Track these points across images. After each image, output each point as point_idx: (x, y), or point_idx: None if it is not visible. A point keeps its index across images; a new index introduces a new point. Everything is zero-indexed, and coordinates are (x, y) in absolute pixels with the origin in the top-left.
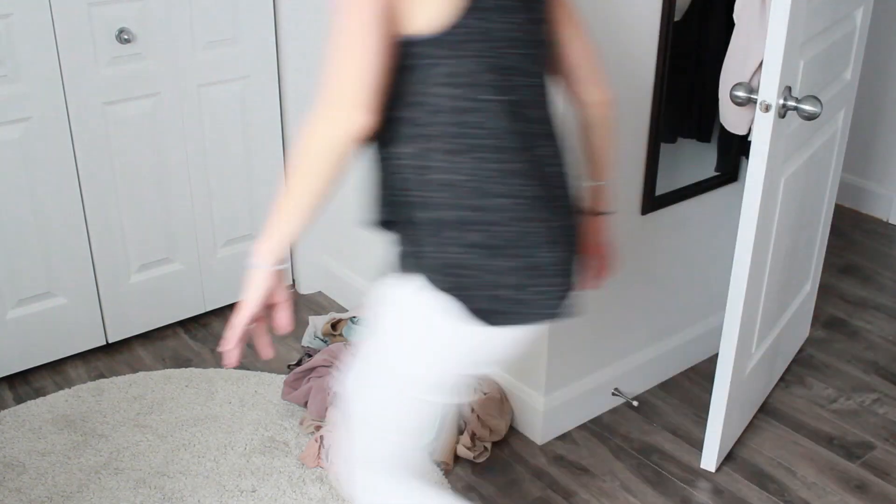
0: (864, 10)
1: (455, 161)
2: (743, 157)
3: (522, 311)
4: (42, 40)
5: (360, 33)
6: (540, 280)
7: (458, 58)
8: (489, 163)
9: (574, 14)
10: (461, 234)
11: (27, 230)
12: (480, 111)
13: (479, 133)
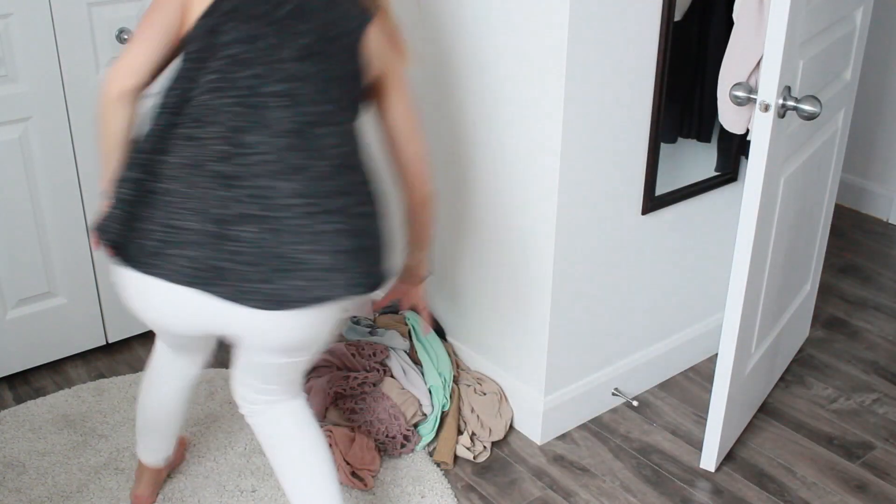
0: (864, 10)
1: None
2: (743, 157)
3: (161, 264)
4: (42, 40)
5: (156, 16)
6: (180, 245)
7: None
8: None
9: (402, 93)
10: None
11: (27, 230)
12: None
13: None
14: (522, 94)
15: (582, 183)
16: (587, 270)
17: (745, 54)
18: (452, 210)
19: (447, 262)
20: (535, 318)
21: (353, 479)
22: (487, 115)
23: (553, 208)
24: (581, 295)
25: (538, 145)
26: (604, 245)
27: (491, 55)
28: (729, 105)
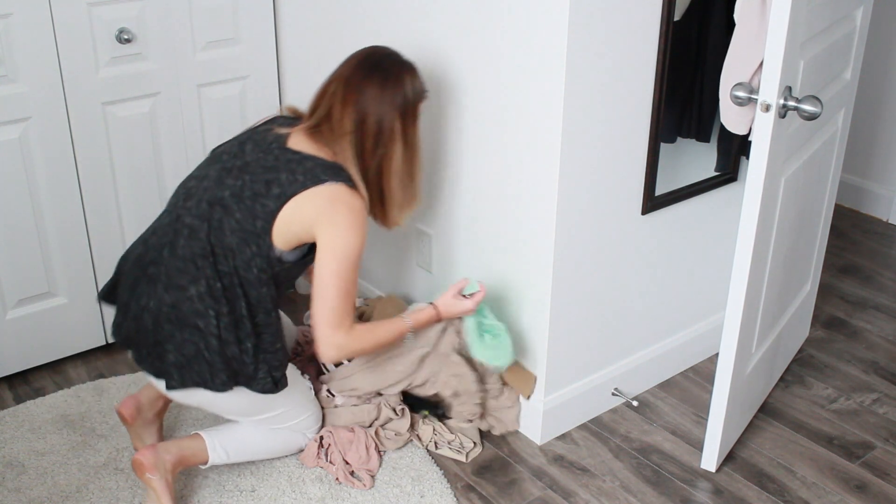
0: (864, 10)
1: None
2: (743, 157)
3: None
4: (42, 40)
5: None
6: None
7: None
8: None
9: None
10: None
11: (27, 230)
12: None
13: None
14: (522, 93)
15: (582, 183)
16: (587, 270)
17: (747, 55)
18: (452, 210)
19: (447, 261)
20: (535, 318)
21: (352, 479)
22: (487, 115)
23: (553, 208)
24: (581, 295)
25: (538, 145)
26: (604, 245)
27: (490, 55)
28: (731, 106)
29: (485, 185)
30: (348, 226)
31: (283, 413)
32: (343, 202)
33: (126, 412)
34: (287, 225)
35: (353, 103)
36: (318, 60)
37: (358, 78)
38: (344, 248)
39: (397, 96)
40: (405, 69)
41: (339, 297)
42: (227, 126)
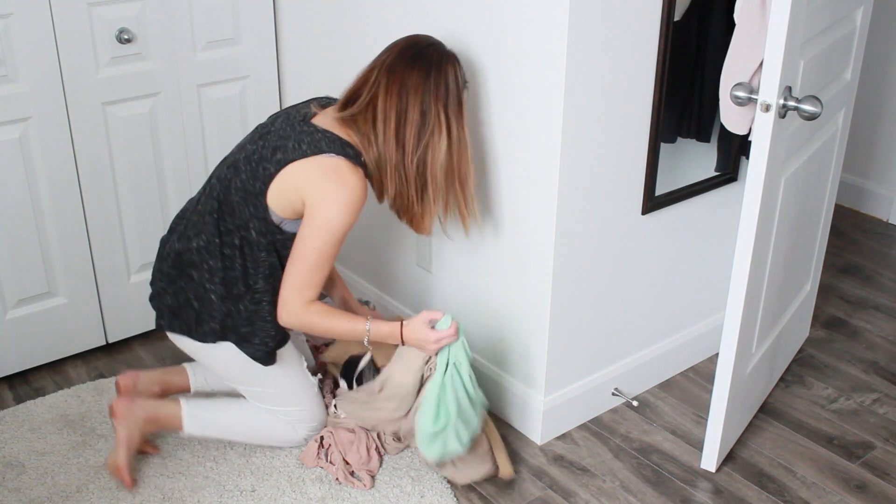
0: (864, 10)
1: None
2: (743, 157)
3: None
4: (42, 40)
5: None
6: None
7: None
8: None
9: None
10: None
11: (27, 230)
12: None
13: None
14: (522, 93)
15: (582, 183)
16: (587, 270)
17: (747, 55)
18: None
19: (447, 261)
20: (535, 318)
21: (352, 479)
22: (487, 115)
23: (553, 208)
24: (581, 295)
25: (538, 145)
26: (604, 245)
27: (490, 54)
28: (731, 106)
29: (485, 185)
30: (338, 199)
31: (270, 393)
32: (338, 175)
33: (123, 382)
34: (282, 190)
35: (397, 93)
36: (319, 60)
37: (402, 67)
38: (329, 221)
39: (441, 86)
40: (448, 59)
41: (311, 267)
42: (227, 126)
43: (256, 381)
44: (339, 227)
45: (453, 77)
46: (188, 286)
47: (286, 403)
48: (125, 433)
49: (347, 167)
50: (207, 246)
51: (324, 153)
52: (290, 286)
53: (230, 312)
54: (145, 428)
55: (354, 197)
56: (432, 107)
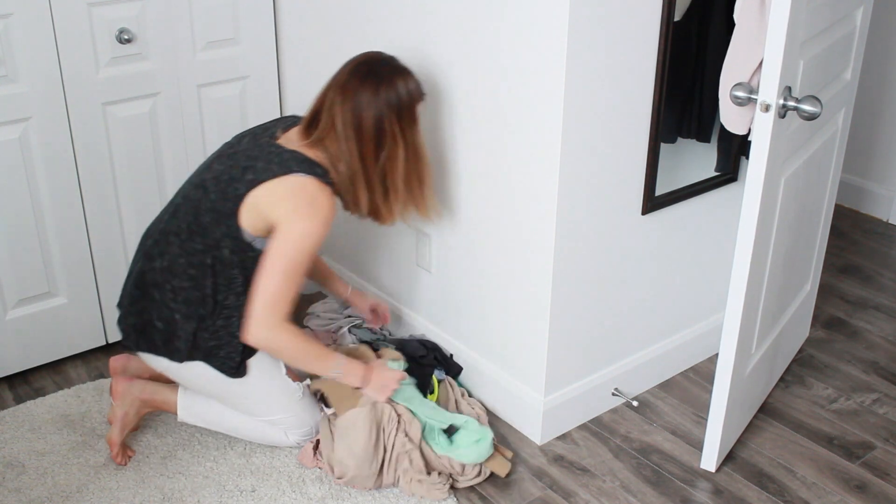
0: (864, 10)
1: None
2: (743, 157)
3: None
4: (42, 40)
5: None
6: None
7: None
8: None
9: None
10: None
11: (27, 230)
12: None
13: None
14: (522, 94)
15: (582, 183)
16: (587, 270)
17: (747, 55)
18: (452, 210)
19: (447, 261)
20: (535, 318)
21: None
22: (487, 115)
23: (553, 208)
24: (581, 295)
25: (538, 145)
26: (604, 245)
27: (491, 55)
28: (731, 106)
29: (485, 185)
30: (307, 216)
31: (256, 407)
32: (306, 193)
33: (115, 363)
34: (254, 209)
35: (351, 110)
36: (318, 60)
37: (353, 84)
38: (300, 237)
39: (392, 98)
40: (398, 73)
41: (283, 282)
42: (227, 126)
43: (239, 397)
44: (309, 243)
45: (404, 90)
46: (150, 306)
47: (274, 413)
48: (121, 412)
49: (316, 185)
50: (171, 266)
51: (293, 172)
52: (261, 301)
53: (195, 331)
54: (141, 409)
55: (324, 213)
56: (385, 120)
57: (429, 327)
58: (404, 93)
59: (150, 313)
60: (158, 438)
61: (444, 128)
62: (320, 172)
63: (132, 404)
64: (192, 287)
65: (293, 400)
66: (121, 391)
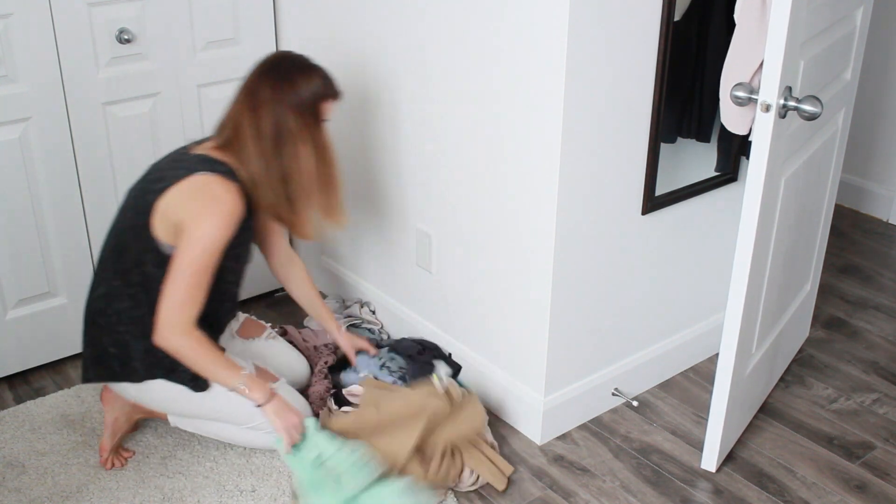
0: (864, 10)
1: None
2: (743, 157)
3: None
4: (42, 40)
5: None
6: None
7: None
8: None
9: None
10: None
11: (27, 230)
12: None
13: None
14: (522, 93)
15: (582, 183)
16: (587, 270)
17: (748, 55)
18: (452, 209)
19: (447, 261)
20: (535, 318)
21: None
22: (487, 115)
23: (553, 208)
24: (581, 295)
25: (538, 145)
26: (604, 245)
27: (490, 55)
28: (731, 106)
29: (485, 185)
30: (210, 213)
31: (234, 415)
32: (208, 190)
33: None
34: (164, 217)
35: (251, 109)
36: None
37: (255, 83)
38: (203, 235)
39: (291, 97)
40: (299, 70)
41: (190, 282)
42: None
43: (212, 410)
44: (213, 240)
45: (306, 87)
46: (101, 335)
47: (253, 418)
48: (111, 417)
49: (218, 181)
50: (109, 291)
51: (195, 173)
52: (168, 303)
53: (148, 349)
54: (132, 414)
55: (226, 209)
56: (283, 118)
57: (429, 327)
58: (306, 91)
59: (102, 341)
60: (158, 438)
61: (443, 128)
62: (224, 170)
63: (122, 410)
64: (132, 307)
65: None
66: (110, 397)
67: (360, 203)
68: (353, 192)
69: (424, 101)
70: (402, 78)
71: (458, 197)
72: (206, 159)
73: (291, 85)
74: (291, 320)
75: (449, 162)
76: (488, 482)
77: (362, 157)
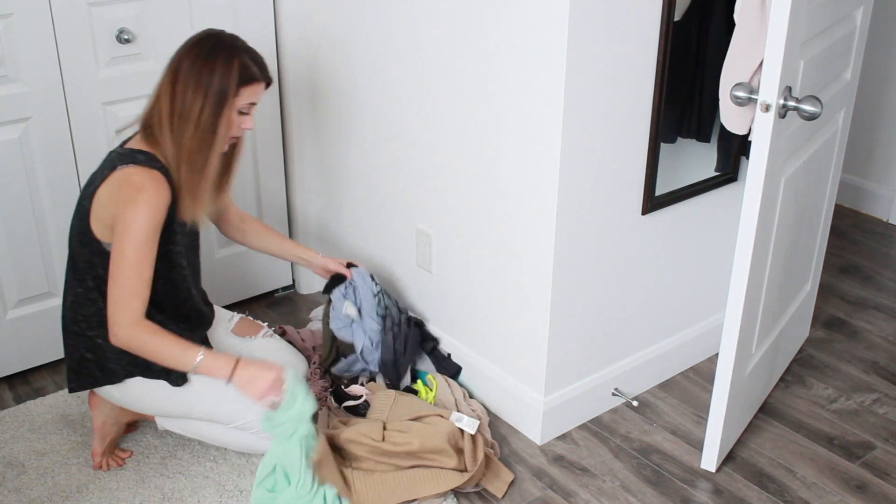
0: (864, 10)
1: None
2: (743, 157)
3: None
4: (42, 40)
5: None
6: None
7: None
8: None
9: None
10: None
11: (27, 230)
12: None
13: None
14: (522, 93)
15: (582, 183)
16: (587, 270)
17: (747, 55)
18: (452, 209)
19: (447, 261)
20: (535, 318)
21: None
22: (487, 114)
23: (553, 208)
24: (581, 295)
25: (538, 145)
26: (604, 245)
27: (490, 54)
28: (731, 106)
29: (485, 185)
30: (133, 203)
31: (212, 412)
32: (128, 183)
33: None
34: (100, 218)
35: (170, 83)
36: (318, 60)
37: (178, 60)
38: (131, 224)
39: (203, 76)
40: (222, 52)
41: (130, 275)
42: None
43: (196, 408)
44: (143, 228)
45: (221, 69)
46: (76, 343)
47: (241, 415)
48: (99, 421)
49: (137, 171)
50: (75, 299)
51: (116, 169)
52: (114, 301)
53: (120, 349)
54: (120, 417)
55: (147, 196)
56: (191, 94)
57: (429, 327)
58: (219, 73)
59: (79, 348)
60: (158, 438)
61: (443, 127)
62: (142, 159)
63: (109, 414)
64: (97, 311)
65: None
66: (97, 401)
67: (361, 203)
68: (354, 191)
69: (424, 101)
70: (403, 78)
71: (458, 197)
72: (126, 152)
73: (209, 63)
74: (291, 320)
75: (449, 162)
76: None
77: (362, 157)
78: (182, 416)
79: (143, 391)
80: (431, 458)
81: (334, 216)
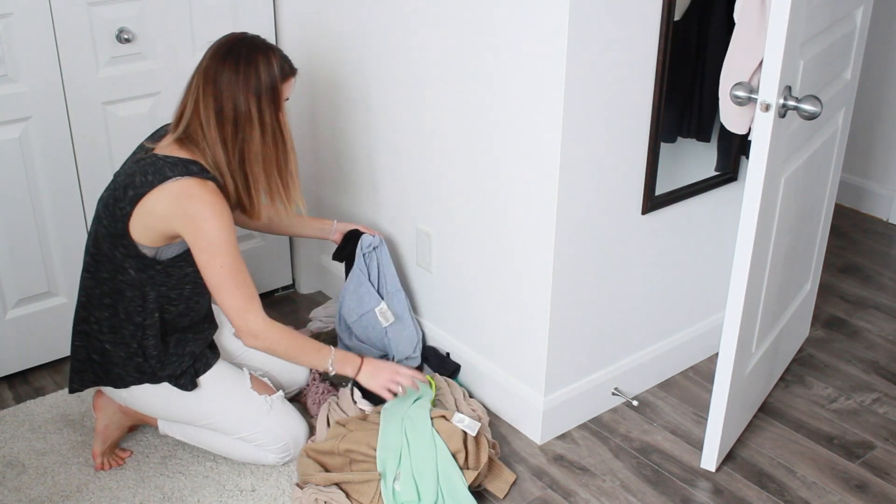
0: (864, 10)
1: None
2: (743, 157)
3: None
4: (42, 40)
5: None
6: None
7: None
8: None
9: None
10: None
11: (27, 230)
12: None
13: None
14: (522, 93)
15: (582, 183)
16: (587, 270)
17: (747, 55)
18: (452, 209)
19: (447, 261)
20: (535, 318)
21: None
22: (487, 114)
23: (553, 208)
24: (581, 295)
25: (538, 145)
26: (604, 245)
27: (490, 54)
28: (731, 105)
29: (485, 185)
30: (205, 218)
31: (216, 421)
32: (190, 195)
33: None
34: (145, 224)
35: (212, 94)
36: (319, 60)
37: (213, 67)
38: (213, 240)
39: (251, 78)
40: (259, 51)
41: (234, 283)
42: None
43: (200, 416)
44: (224, 240)
45: (265, 67)
46: (85, 344)
47: (244, 428)
48: (102, 424)
49: (196, 184)
50: (90, 300)
51: (169, 179)
52: (234, 311)
53: (129, 356)
54: (123, 421)
55: (216, 209)
56: (243, 99)
57: (429, 327)
58: (264, 69)
59: (86, 350)
60: (158, 438)
61: (443, 127)
62: (195, 170)
63: (113, 417)
64: (111, 315)
65: (260, 414)
66: (102, 403)
67: (361, 203)
68: (354, 191)
69: (425, 101)
70: (403, 78)
71: (459, 197)
72: (176, 161)
73: (251, 66)
74: (291, 320)
75: (449, 162)
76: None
77: (362, 157)
78: (186, 421)
79: (151, 392)
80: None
81: (334, 216)
